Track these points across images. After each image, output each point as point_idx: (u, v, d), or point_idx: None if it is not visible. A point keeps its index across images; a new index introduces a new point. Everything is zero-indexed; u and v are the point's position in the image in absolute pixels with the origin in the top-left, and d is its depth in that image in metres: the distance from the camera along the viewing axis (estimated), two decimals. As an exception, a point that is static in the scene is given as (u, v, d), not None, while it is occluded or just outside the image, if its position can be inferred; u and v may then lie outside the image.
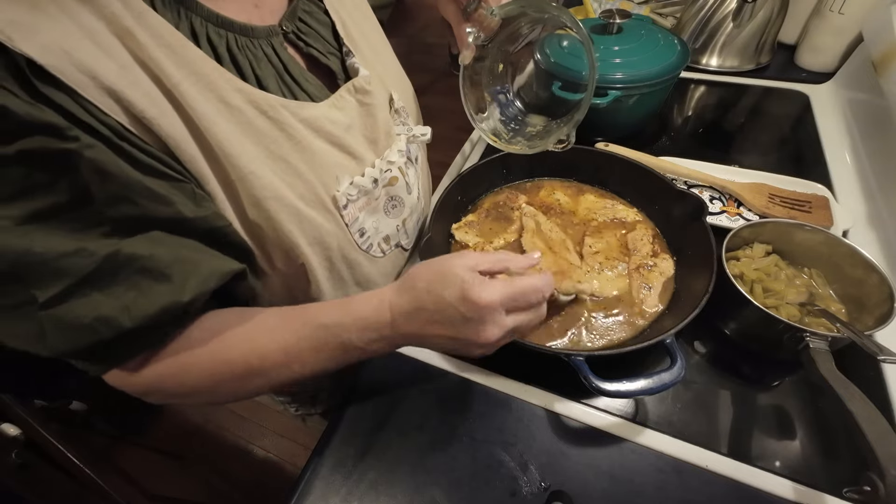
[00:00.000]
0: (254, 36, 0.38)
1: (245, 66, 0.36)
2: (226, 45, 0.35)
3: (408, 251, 0.60)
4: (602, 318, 0.51)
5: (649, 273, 0.53)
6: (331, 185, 0.42)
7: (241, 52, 0.36)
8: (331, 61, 0.44)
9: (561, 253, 0.56)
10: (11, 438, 0.80)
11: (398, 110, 0.51)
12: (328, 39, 0.45)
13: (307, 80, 0.42)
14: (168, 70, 0.31)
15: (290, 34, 0.41)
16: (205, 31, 0.34)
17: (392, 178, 0.50)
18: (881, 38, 0.69)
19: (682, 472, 0.42)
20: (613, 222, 0.61)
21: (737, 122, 0.82)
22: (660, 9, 1.05)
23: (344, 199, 0.44)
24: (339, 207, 0.44)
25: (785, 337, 0.44)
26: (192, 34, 0.34)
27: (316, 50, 0.43)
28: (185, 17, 0.33)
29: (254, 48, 0.37)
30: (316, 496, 0.43)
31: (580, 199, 0.65)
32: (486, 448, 0.45)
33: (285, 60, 0.40)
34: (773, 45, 0.91)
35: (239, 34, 0.36)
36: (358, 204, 0.46)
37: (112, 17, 0.29)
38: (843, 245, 0.49)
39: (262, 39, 0.38)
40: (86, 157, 0.28)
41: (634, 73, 0.66)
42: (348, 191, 0.44)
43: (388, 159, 0.49)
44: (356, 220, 0.47)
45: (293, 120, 0.38)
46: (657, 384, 0.40)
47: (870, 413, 0.36)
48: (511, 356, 0.50)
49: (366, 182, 0.45)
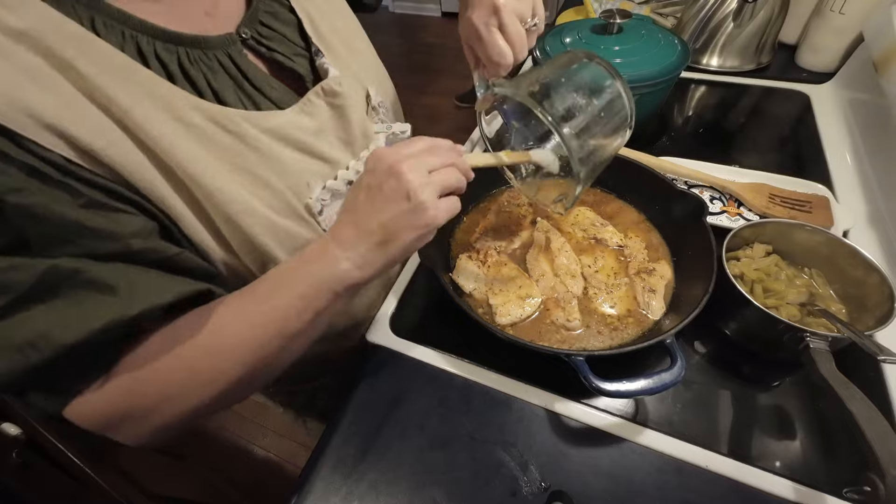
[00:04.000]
0: (207, 47, 0.36)
1: (200, 81, 0.35)
2: (177, 62, 0.34)
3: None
4: (606, 324, 0.51)
5: (650, 277, 0.53)
6: (302, 192, 0.41)
7: (194, 67, 0.35)
8: (297, 63, 0.43)
9: (564, 279, 0.54)
10: (12, 438, 0.80)
11: (375, 107, 0.50)
12: (294, 40, 0.44)
13: (271, 87, 0.40)
14: (117, 97, 0.30)
15: (250, 40, 0.40)
16: (152, 49, 0.33)
17: None
18: (882, 37, 0.69)
19: (683, 472, 0.42)
20: (595, 242, 0.59)
21: (737, 122, 0.82)
22: (660, 9, 1.05)
23: (318, 206, 0.43)
24: (313, 214, 0.43)
25: (785, 337, 0.44)
26: (140, 54, 0.32)
27: (280, 54, 0.42)
28: (131, 37, 0.32)
29: (208, 60, 0.36)
30: (316, 496, 0.43)
31: (570, 212, 0.62)
32: (486, 448, 0.45)
33: (245, 69, 0.38)
34: (774, 45, 0.91)
35: (190, 48, 0.35)
36: (334, 207, 0.45)
37: (49, 51, 0.28)
38: (843, 245, 0.49)
39: (217, 50, 0.37)
40: (10, 202, 0.27)
41: (635, 73, 0.66)
42: (322, 196, 0.43)
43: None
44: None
45: (256, 131, 0.37)
46: (657, 384, 0.40)
47: (870, 413, 0.36)
48: (511, 356, 0.50)
49: (339, 185, 0.44)
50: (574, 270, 0.55)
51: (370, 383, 0.51)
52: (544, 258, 0.57)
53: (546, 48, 0.74)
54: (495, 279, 0.54)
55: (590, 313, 0.52)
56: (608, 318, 0.51)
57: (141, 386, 0.33)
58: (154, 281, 0.32)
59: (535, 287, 0.54)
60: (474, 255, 0.57)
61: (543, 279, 0.54)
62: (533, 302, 0.52)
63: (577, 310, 0.51)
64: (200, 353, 0.34)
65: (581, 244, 0.59)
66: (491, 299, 0.52)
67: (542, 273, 0.55)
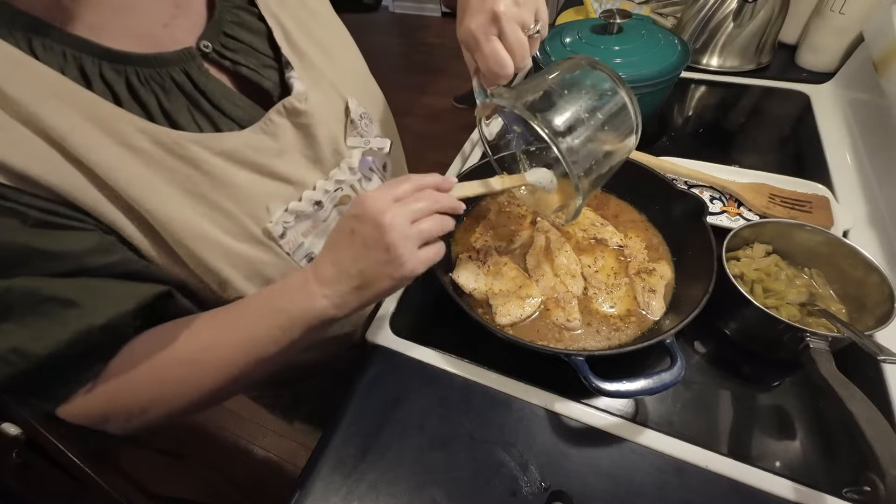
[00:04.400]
0: (160, 65, 0.34)
1: (151, 102, 0.34)
2: (125, 82, 0.33)
3: None
4: (606, 324, 0.51)
5: (650, 277, 0.53)
6: (261, 217, 0.40)
7: (145, 87, 0.33)
8: (265, 77, 0.40)
9: (563, 279, 0.54)
10: (12, 438, 0.80)
11: (354, 120, 0.47)
12: (263, 51, 0.41)
13: (234, 104, 0.38)
14: (54, 122, 0.29)
15: (212, 54, 0.37)
16: (97, 70, 0.32)
17: (343, 196, 0.46)
18: (882, 37, 0.69)
19: (683, 472, 0.42)
20: (595, 242, 0.59)
21: (737, 122, 0.82)
22: (660, 9, 1.05)
23: (280, 229, 0.41)
24: (273, 238, 0.41)
25: (785, 337, 0.44)
26: (84, 76, 0.31)
27: (245, 67, 0.39)
28: (73, 58, 0.31)
29: (161, 79, 0.34)
30: (316, 496, 0.43)
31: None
32: (486, 448, 0.45)
33: (203, 86, 0.36)
34: (774, 45, 0.91)
35: (140, 67, 0.33)
36: (300, 228, 0.43)
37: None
38: (843, 245, 0.49)
39: (171, 67, 0.35)
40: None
41: (635, 73, 0.66)
42: (284, 218, 0.41)
43: (336, 178, 0.45)
44: (300, 247, 0.44)
45: (208, 155, 0.35)
46: (657, 384, 0.40)
47: (870, 413, 0.36)
48: (511, 356, 0.50)
49: (304, 206, 0.42)
50: (574, 270, 0.55)
51: (370, 383, 0.51)
52: (544, 258, 0.57)
53: (546, 48, 0.74)
54: (495, 279, 0.54)
55: (590, 313, 0.52)
56: (608, 318, 0.51)
57: (126, 392, 0.36)
58: (115, 290, 0.33)
59: (535, 287, 0.54)
60: (474, 255, 0.57)
61: (543, 279, 0.54)
62: (533, 302, 0.52)
63: (577, 310, 0.51)
64: (186, 366, 0.36)
65: (581, 244, 0.59)
66: (491, 299, 0.52)
67: (542, 273, 0.55)
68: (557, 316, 0.51)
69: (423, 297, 0.58)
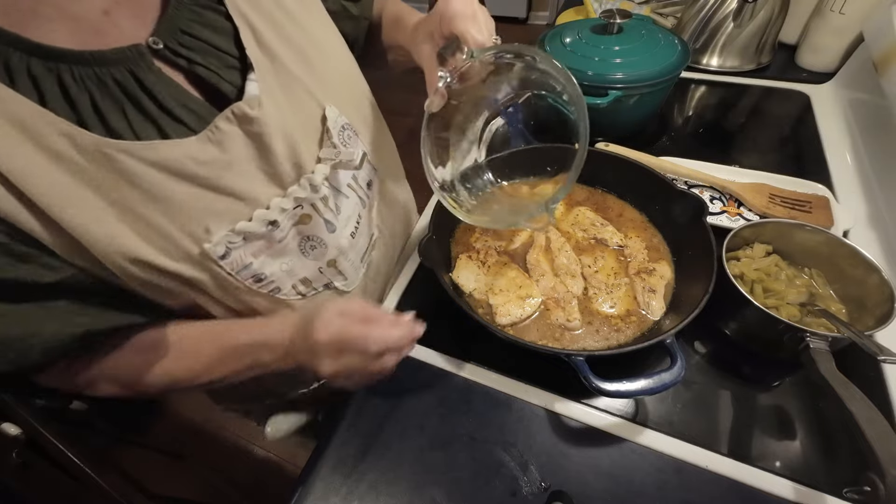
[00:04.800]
0: (99, 63, 0.31)
1: (83, 102, 0.30)
2: (56, 80, 0.30)
3: (350, 291, 0.53)
4: (607, 324, 0.51)
5: (650, 277, 0.53)
6: (199, 236, 0.36)
7: (78, 86, 0.30)
8: (225, 78, 0.37)
9: (563, 279, 0.54)
10: (12, 438, 0.80)
11: (330, 129, 0.43)
12: (227, 51, 0.38)
13: (186, 107, 0.35)
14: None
15: (164, 51, 0.34)
16: (25, 67, 0.29)
17: (303, 216, 0.43)
18: (882, 37, 0.69)
19: (683, 472, 0.42)
20: (595, 242, 0.59)
21: (737, 122, 0.82)
22: (660, 9, 1.05)
23: (221, 249, 0.37)
24: (213, 259, 0.38)
25: (785, 337, 0.44)
26: (7, 71, 0.28)
27: (203, 67, 0.36)
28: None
29: (98, 79, 0.31)
30: (316, 496, 0.43)
31: (571, 212, 0.62)
32: (486, 448, 0.45)
33: (150, 85, 0.33)
34: (774, 45, 0.91)
35: (75, 65, 0.30)
36: (249, 249, 0.40)
37: None
38: (843, 245, 0.49)
39: (114, 66, 0.31)
40: None
41: (635, 73, 0.66)
42: (229, 238, 0.38)
43: (295, 195, 0.41)
44: (246, 267, 0.41)
45: (139, 165, 0.32)
46: (657, 384, 0.40)
47: (870, 413, 0.36)
48: (511, 356, 0.50)
49: (255, 227, 0.39)
50: (574, 270, 0.55)
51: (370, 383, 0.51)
52: (544, 258, 0.57)
53: (546, 48, 0.73)
54: (495, 279, 0.54)
55: (590, 313, 0.52)
56: (608, 318, 0.51)
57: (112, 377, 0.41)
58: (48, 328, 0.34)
59: (535, 287, 0.54)
60: (474, 255, 0.57)
61: (543, 279, 0.54)
62: (533, 302, 0.52)
63: (577, 310, 0.51)
64: (167, 363, 0.41)
65: (581, 244, 0.59)
66: (491, 299, 0.52)
67: (542, 273, 0.55)
68: (557, 316, 0.51)
69: (423, 297, 0.58)
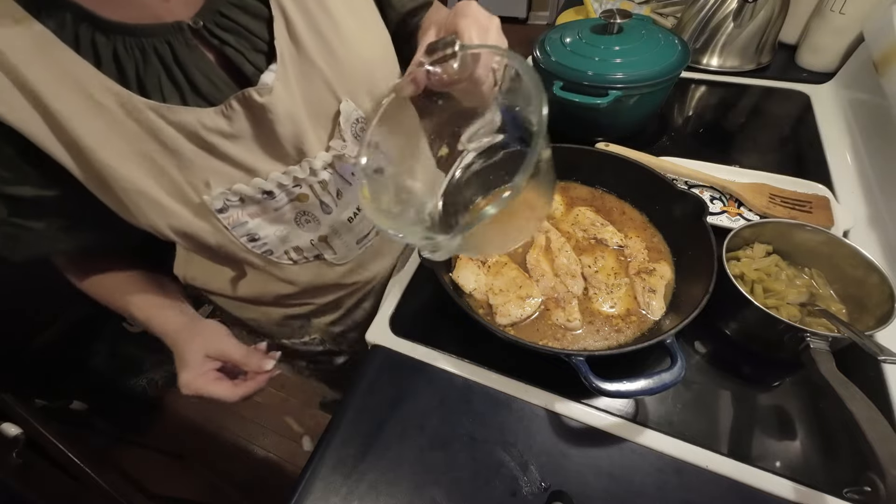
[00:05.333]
0: (144, 35, 0.37)
1: (129, 68, 0.37)
2: (111, 49, 0.36)
3: (342, 265, 0.59)
4: (607, 325, 0.51)
5: (650, 277, 0.53)
6: (199, 187, 0.42)
7: (127, 54, 0.37)
8: (250, 60, 0.41)
9: (564, 279, 0.54)
10: (12, 438, 0.81)
11: (341, 123, 0.47)
12: (260, 36, 0.42)
13: (210, 81, 0.40)
14: (32, 74, 0.34)
15: (201, 30, 0.39)
16: (90, 37, 0.35)
17: (301, 194, 0.48)
18: (882, 37, 0.69)
19: (683, 472, 0.42)
20: (595, 242, 0.59)
21: (737, 122, 0.82)
22: (660, 9, 1.05)
23: (219, 203, 0.43)
24: (211, 211, 0.44)
25: (785, 337, 0.44)
26: (76, 39, 0.35)
27: (231, 48, 0.41)
28: (73, 24, 0.35)
29: (142, 48, 0.37)
30: (316, 496, 0.43)
31: (571, 212, 0.62)
32: (486, 448, 0.45)
33: (183, 59, 0.38)
34: (774, 45, 0.91)
35: (127, 35, 0.37)
36: (245, 210, 0.45)
37: None
38: (843, 245, 0.49)
39: (155, 38, 0.37)
40: None
41: (635, 73, 0.66)
42: (227, 196, 0.43)
43: (295, 175, 0.46)
44: (241, 224, 0.46)
45: (162, 123, 0.38)
46: (657, 384, 0.40)
47: (870, 413, 0.36)
48: (511, 356, 0.50)
49: (250, 191, 0.44)
50: (574, 270, 0.55)
51: (370, 383, 0.51)
52: (544, 258, 0.57)
53: (546, 48, 0.74)
54: (495, 279, 0.54)
55: (590, 313, 0.52)
56: (608, 318, 0.51)
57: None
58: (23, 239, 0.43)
59: (535, 287, 0.54)
60: (474, 255, 0.57)
61: (544, 279, 0.54)
62: (533, 302, 0.52)
63: (577, 310, 0.51)
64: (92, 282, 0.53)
65: (581, 244, 0.59)
66: (491, 299, 0.52)
67: (542, 273, 0.55)
68: (557, 316, 0.51)
69: (424, 297, 0.58)
